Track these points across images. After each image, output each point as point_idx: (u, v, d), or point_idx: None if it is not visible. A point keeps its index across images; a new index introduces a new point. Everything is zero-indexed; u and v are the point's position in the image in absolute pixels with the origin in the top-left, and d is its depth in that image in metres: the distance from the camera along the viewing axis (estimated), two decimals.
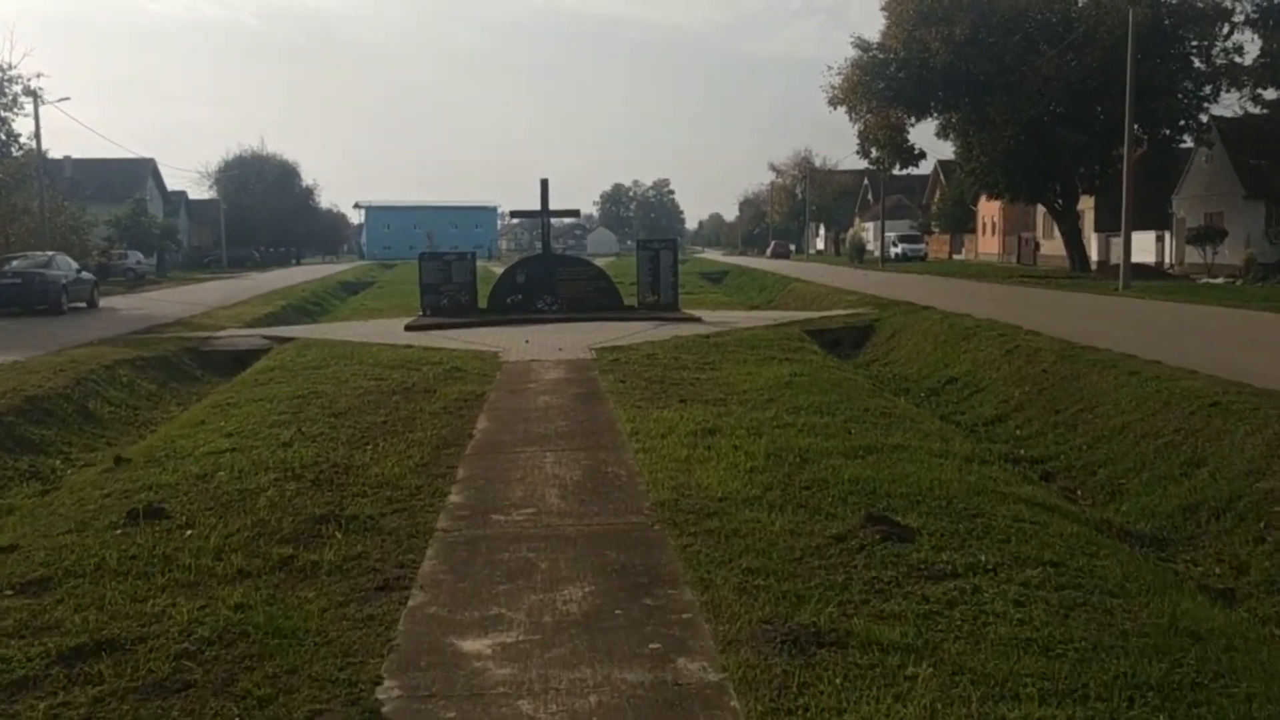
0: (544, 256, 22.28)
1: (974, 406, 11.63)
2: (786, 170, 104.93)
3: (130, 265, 47.49)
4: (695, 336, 16.08)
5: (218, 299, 30.97)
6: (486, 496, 6.45)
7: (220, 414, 9.87)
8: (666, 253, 21.43)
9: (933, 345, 15.16)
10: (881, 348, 16.92)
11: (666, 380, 11.46)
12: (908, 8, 37.66)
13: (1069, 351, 11.92)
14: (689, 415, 9.02)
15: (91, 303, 26.91)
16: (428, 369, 12.76)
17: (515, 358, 14.11)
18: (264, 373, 13.24)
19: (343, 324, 21.81)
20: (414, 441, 8.14)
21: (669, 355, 13.74)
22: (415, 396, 10.57)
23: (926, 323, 16.72)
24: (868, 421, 8.84)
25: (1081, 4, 37.43)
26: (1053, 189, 41.12)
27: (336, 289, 41.50)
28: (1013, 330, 14.43)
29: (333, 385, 11.46)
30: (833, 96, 41.00)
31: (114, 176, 61.39)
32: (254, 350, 17.12)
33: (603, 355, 14.02)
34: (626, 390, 10.76)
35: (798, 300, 27.84)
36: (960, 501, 6.12)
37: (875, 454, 7.44)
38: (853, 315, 19.97)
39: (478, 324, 19.10)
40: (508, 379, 12.02)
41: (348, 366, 13.20)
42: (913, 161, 43.98)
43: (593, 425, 8.90)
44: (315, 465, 7.28)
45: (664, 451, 7.54)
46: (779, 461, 7.15)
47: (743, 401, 9.84)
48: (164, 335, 18.82)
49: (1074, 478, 8.44)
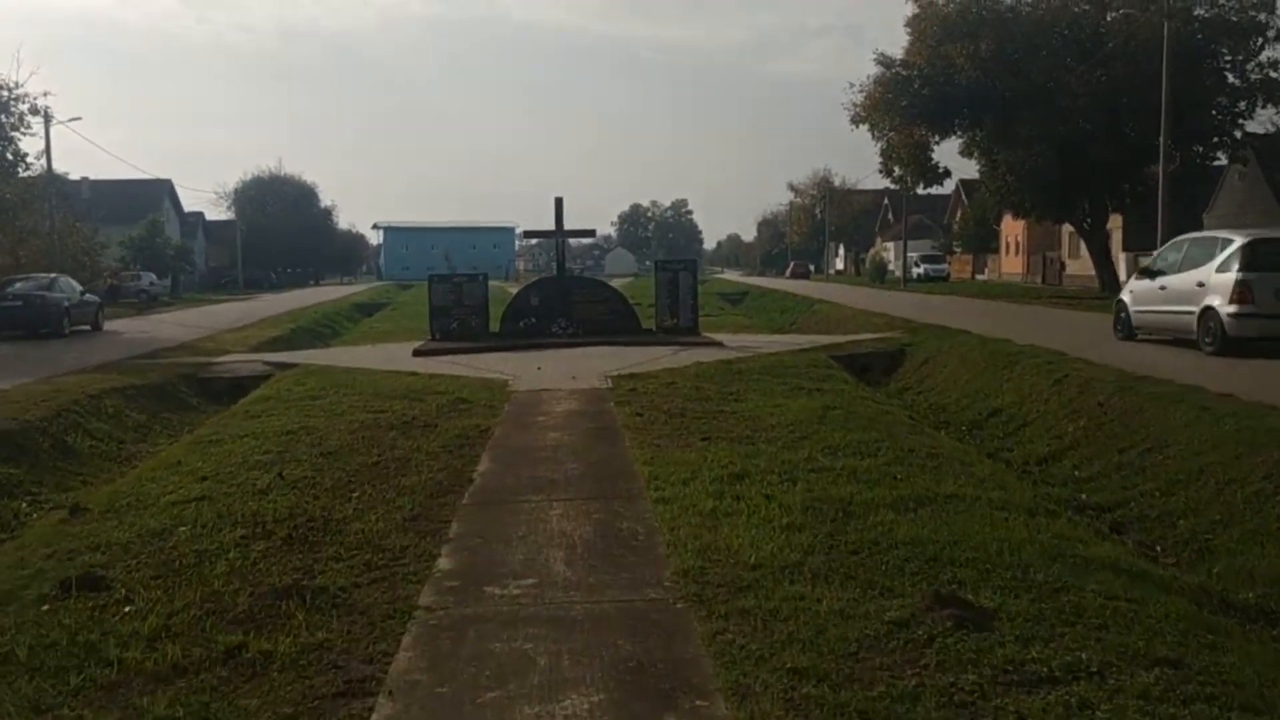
0: (558, 278, 21.46)
1: (1023, 442, 10.66)
2: (805, 190, 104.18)
3: (143, 287, 47.08)
4: (717, 363, 15.18)
5: (227, 322, 30.34)
6: (481, 561, 5.56)
7: (199, 453, 9.03)
8: (686, 274, 20.57)
9: (971, 373, 14.19)
10: (914, 375, 15.95)
11: (687, 413, 10.55)
12: (932, 24, 36.84)
13: (1127, 383, 10.94)
14: (713, 456, 8.11)
15: (96, 325, 26.30)
16: (431, 400, 11.90)
17: (525, 387, 13.25)
18: (257, 403, 12.42)
19: (349, 349, 21.04)
20: (405, 488, 7.26)
21: (689, 384, 12.84)
22: (414, 432, 9.71)
23: (962, 348, 15.74)
24: (914, 464, 7.90)
25: (1110, 19, 36.48)
26: (1081, 208, 40.06)
27: (350, 311, 40.87)
28: (1058, 357, 13.45)
29: (326, 419, 10.62)
30: (855, 114, 40.16)
31: (131, 198, 61.24)
32: (254, 377, 16.34)
33: (619, 384, 13.14)
34: (644, 425, 9.86)
35: (821, 323, 26.90)
36: (1037, 570, 5.18)
37: (928, 506, 6.50)
38: (882, 339, 19.01)
39: (489, 349, 18.27)
40: (516, 411, 11.15)
41: (346, 397, 12.36)
42: (937, 180, 43.07)
43: (606, 468, 8.00)
44: (290, 519, 6.41)
45: (686, 502, 6.64)
46: (819, 515, 6.23)
47: (772, 439, 8.93)
48: (162, 361, 18.09)
49: (1150, 530, 7.47)
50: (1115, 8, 36.46)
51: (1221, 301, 14.17)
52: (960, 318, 23.13)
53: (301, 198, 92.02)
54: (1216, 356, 13.91)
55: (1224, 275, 14.32)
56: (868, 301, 33.32)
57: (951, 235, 77.90)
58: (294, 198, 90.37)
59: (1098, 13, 36.91)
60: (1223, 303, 14.14)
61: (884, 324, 22.09)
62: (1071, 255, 54.22)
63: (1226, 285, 14.14)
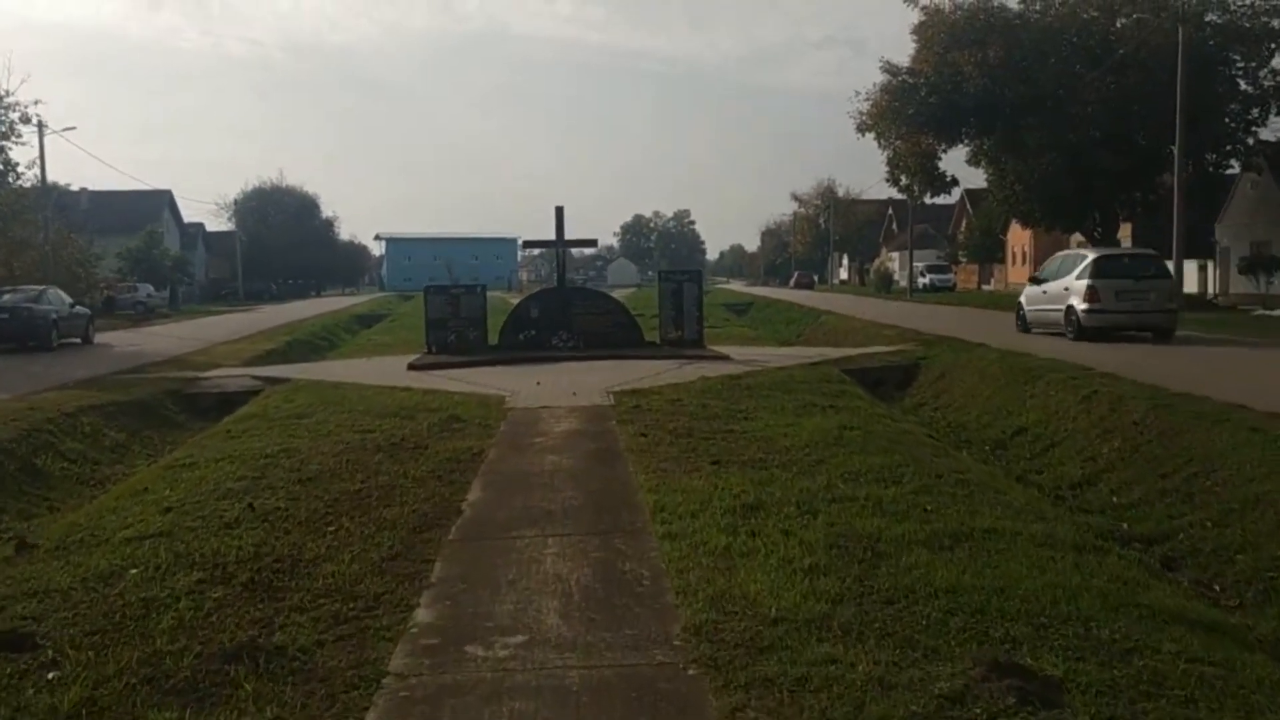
0: (559, 289, 20.83)
1: (1053, 465, 9.99)
2: (809, 200, 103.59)
3: (140, 299, 46.57)
4: (724, 378, 14.52)
5: (222, 334, 29.75)
6: (464, 613, 4.89)
7: (169, 479, 8.38)
8: (690, 285, 19.91)
9: (991, 388, 13.52)
10: (930, 389, 15.29)
11: (694, 434, 9.89)
12: (939, 31, 36.26)
13: (1163, 400, 10.27)
14: (724, 483, 7.46)
15: (86, 338, 25.71)
16: (423, 418, 11.26)
17: (523, 403, 12.60)
18: (240, 422, 11.78)
19: (344, 362, 20.40)
20: (387, 521, 6.60)
21: (696, 401, 12.18)
22: (402, 455, 9.06)
23: (980, 362, 15.08)
24: (943, 493, 7.23)
25: (1120, 25, 35.87)
26: (1091, 217, 39.39)
27: (349, 322, 40.28)
28: (1084, 372, 12.78)
29: (311, 439, 9.97)
30: (861, 123, 39.54)
31: (130, 209, 60.82)
32: (243, 392, 15.73)
33: (621, 401, 12.48)
34: (649, 447, 9.20)
35: (829, 335, 26.24)
36: (1101, 625, 4.52)
37: (965, 543, 5.84)
38: (894, 353, 18.34)
39: (487, 363, 17.62)
40: (512, 431, 10.49)
41: (334, 415, 11.72)
42: (944, 189, 42.40)
43: (608, 497, 7.34)
44: (255, 559, 5.76)
45: (696, 538, 5.98)
46: (844, 555, 5.57)
47: (787, 464, 8.26)
48: (149, 375, 17.47)
49: (1205, 566, 6.79)
50: (1126, 14, 35.88)
51: (1079, 301, 19.08)
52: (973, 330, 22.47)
53: (303, 209, 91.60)
54: (1076, 342, 18.56)
55: (1080, 282, 19.22)
56: (875, 312, 32.68)
57: (956, 245, 77.25)
58: (295, 209, 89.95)
59: (1107, 19, 36.31)
60: (1079, 302, 19.06)
61: (895, 336, 21.43)
62: None
63: (1081, 289, 19.07)
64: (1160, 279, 19.91)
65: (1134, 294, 18.99)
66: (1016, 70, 34.66)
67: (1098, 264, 19.38)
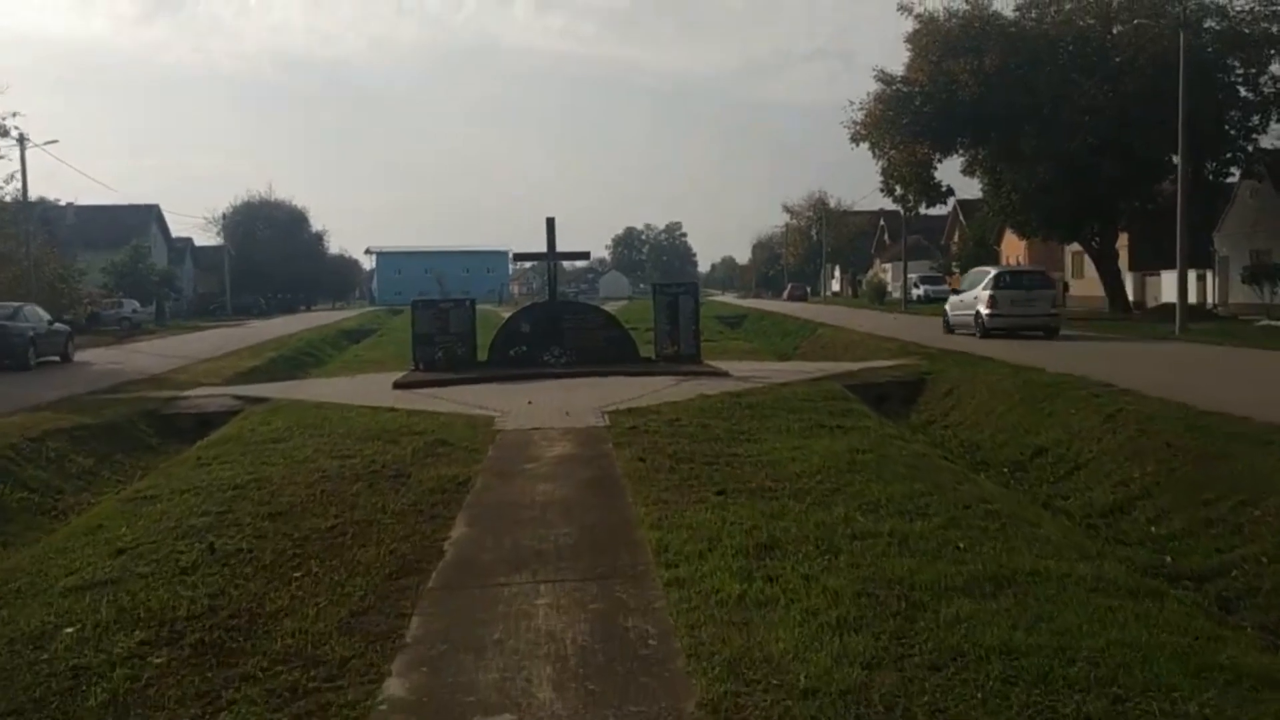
0: (551, 303, 20.16)
1: (1080, 489, 9.36)
2: (801, 212, 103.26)
3: (125, 315, 45.73)
4: (723, 395, 13.88)
5: (206, 350, 29.01)
6: (443, 683, 4.22)
7: (127, 515, 7.69)
8: (686, 298, 19.25)
9: (1005, 405, 12.90)
10: (938, 406, 14.67)
11: (696, 457, 9.26)
12: (934, 39, 35.86)
13: (1197, 420, 9.66)
14: (732, 516, 6.81)
15: (65, 356, 24.94)
16: (407, 442, 10.59)
17: (514, 424, 11.94)
18: (212, 447, 11.08)
19: (328, 380, 19.69)
20: (360, 565, 5.94)
21: (696, 421, 11.54)
22: (382, 485, 8.39)
23: (991, 377, 14.47)
24: (973, 526, 6.60)
25: (1117, 32, 35.49)
26: (1089, 227, 38.93)
27: (337, 337, 39.58)
28: (1104, 389, 12.18)
29: (285, 467, 9.30)
30: (855, 133, 39.09)
31: (117, 223, 60.02)
32: (221, 413, 15.04)
33: (617, 421, 11.83)
34: (647, 473, 8.55)
35: (827, 348, 25.62)
36: (1187, 696, 3.88)
37: (1010, 589, 5.21)
38: (898, 367, 17.72)
39: (476, 380, 16.93)
40: (502, 455, 9.83)
41: (313, 439, 11.05)
42: (940, 199, 41.98)
43: (605, 533, 6.68)
44: (209, 614, 5.09)
45: (706, 585, 5.33)
46: (876, 606, 4.92)
47: (799, 492, 7.63)
48: (125, 395, 16.76)
49: (1268, 608, 6.15)
50: (1123, 21, 35.55)
51: (983, 307, 24.03)
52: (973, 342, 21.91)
53: (292, 222, 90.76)
54: (980, 339, 23.05)
55: (985, 292, 24.27)
56: (872, 324, 32.11)
57: (950, 256, 76.82)
58: (285, 223, 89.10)
59: (1104, 27, 35.98)
60: (984, 308, 24.02)
61: (896, 350, 20.82)
62: (1075, 275, 53.14)
63: (985, 298, 24.07)
64: (1045, 289, 25.39)
65: (1025, 301, 24.19)
66: (1013, 78, 34.23)
67: (997, 278, 24.90)
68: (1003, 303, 23.85)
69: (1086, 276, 51.01)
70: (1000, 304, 23.82)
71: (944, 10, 36.84)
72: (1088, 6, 36.28)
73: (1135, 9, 35.02)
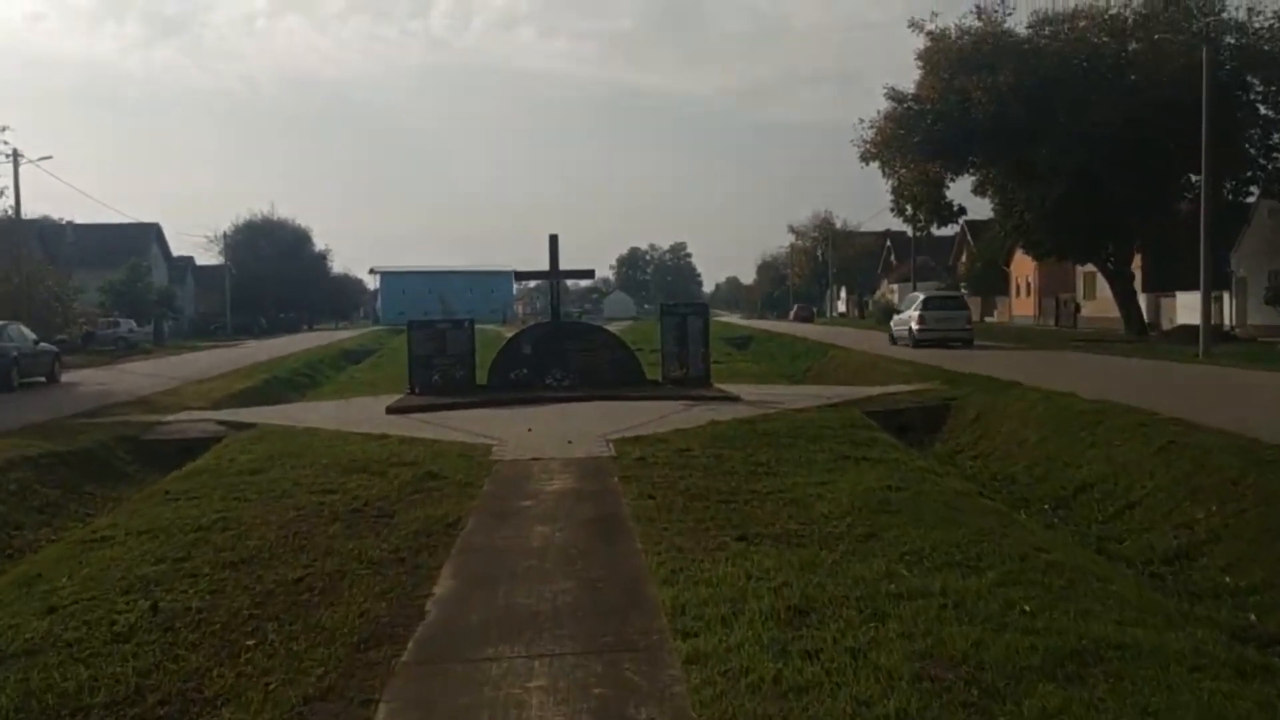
0: (553, 324, 19.33)
1: (1135, 531, 8.46)
2: (806, 232, 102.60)
3: (121, 334, 44.98)
4: (737, 422, 13.03)
5: (200, 371, 28.23)
6: None
7: (72, 562, 6.83)
8: (695, 319, 18.39)
9: (1038, 434, 12.01)
10: (965, 434, 13.78)
11: (711, 495, 8.39)
12: (947, 56, 35.16)
13: (1260, 454, 8.78)
14: (757, 567, 5.96)
15: (52, 377, 24.17)
16: (395, 474, 9.74)
17: (512, 453, 11.09)
18: (184, 480, 10.22)
19: (320, 404, 18.84)
20: (325, 631, 5.07)
21: (709, 451, 10.68)
22: (363, 526, 7.53)
23: (1020, 404, 13.58)
24: (1035, 583, 5.73)
25: (1133, 49, 34.75)
26: (1104, 246, 38.10)
27: (336, 358, 38.79)
28: (1149, 417, 11.29)
29: (259, 504, 8.45)
30: (865, 151, 38.36)
31: (118, 242, 59.39)
32: (204, 439, 14.21)
33: (623, 451, 10.97)
34: (657, 514, 7.69)
35: (840, 371, 24.75)
36: None
37: (1097, 668, 4.33)
38: (918, 392, 16.82)
39: (474, 404, 16.08)
40: (496, 491, 8.97)
41: (294, 470, 10.20)
42: (951, 218, 41.28)
43: (611, 589, 5.81)
44: (134, 700, 4.23)
45: (732, 662, 4.46)
46: (943, 695, 4.04)
47: (830, 538, 6.76)
48: (105, 419, 15.90)
49: None
50: (1138, 38, 34.83)
51: (914, 324, 30.14)
52: (993, 365, 21.03)
53: (295, 242, 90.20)
54: (912, 349, 28.26)
55: (916, 312, 30.56)
56: (885, 346, 31.23)
57: (957, 277, 76.08)
58: (287, 242, 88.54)
59: (1119, 44, 35.25)
60: (915, 324, 30.10)
61: (913, 373, 19.93)
62: (1087, 296, 52.28)
63: (916, 316, 30.29)
64: (961, 310, 32.65)
65: (946, 319, 30.65)
66: (1027, 95, 33.49)
67: (925, 301, 31.46)
68: (929, 320, 30.30)
69: (1099, 297, 50.14)
70: (927, 321, 30.27)
71: (956, 27, 36.23)
72: (1102, 24, 35.58)
73: (1151, 26, 34.32)
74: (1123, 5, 35.61)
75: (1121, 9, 35.58)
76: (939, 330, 29.90)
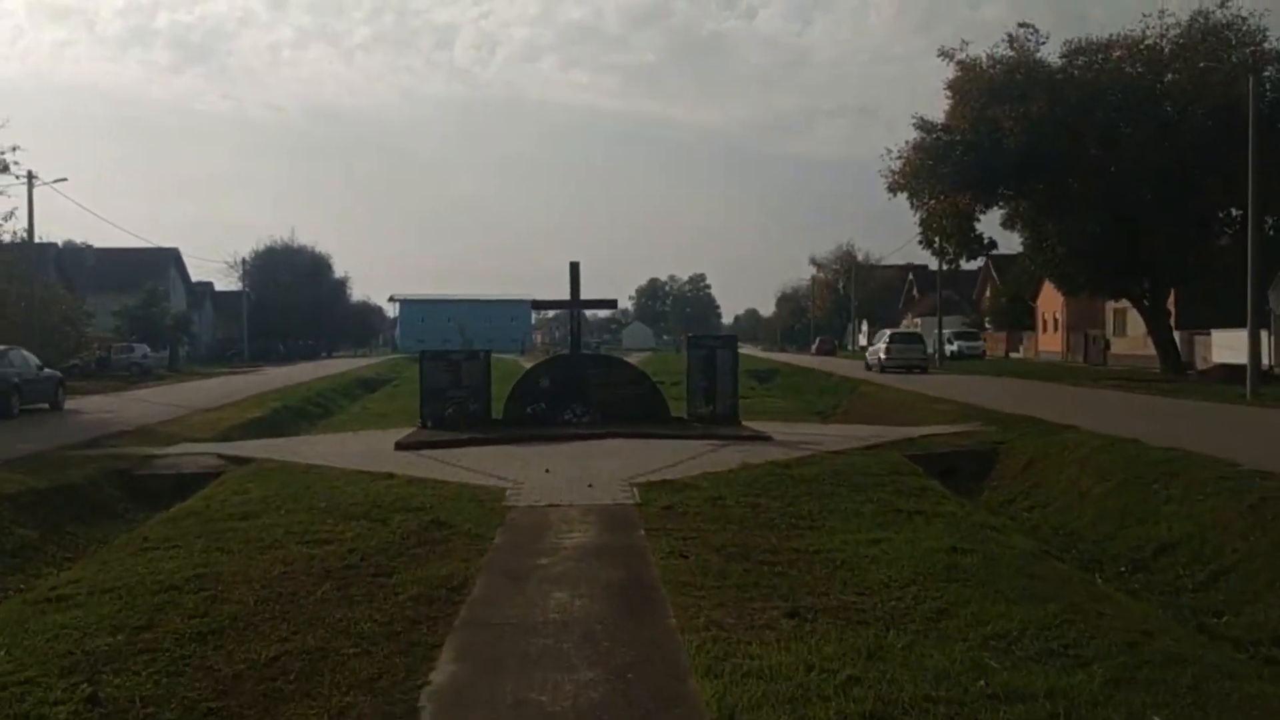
0: (573, 356, 18.44)
1: (1235, 602, 7.39)
2: (828, 265, 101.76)
3: (135, 359, 44.39)
4: (770, 466, 12.05)
5: (210, 399, 27.48)
6: None
7: (19, 627, 5.91)
8: (724, 352, 17.44)
9: (1103, 485, 10.96)
10: (1017, 482, 12.73)
11: (751, 553, 7.43)
12: (978, 85, 34.29)
13: None
14: (815, 653, 5.01)
15: (55, 404, 23.43)
16: (398, 521, 8.83)
17: (527, 499, 10.15)
18: (168, 524, 9.33)
19: (328, 437, 17.96)
20: None
21: (743, 500, 9.73)
22: (356, 588, 6.61)
23: (1080, 450, 12.53)
24: (1154, 681, 4.73)
25: (1169, 80, 33.79)
26: (1140, 282, 36.95)
27: (350, 386, 38.02)
28: (1230, 469, 10.22)
29: (244, 556, 7.54)
30: (892, 182, 37.38)
31: (137, 266, 59.21)
32: (200, 474, 13.39)
33: (648, 497, 10.03)
34: (692, 578, 6.73)
35: (873, 408, 23.68)
36: None
37: None
38: (962, 434, 15.78)
39: (488, 441, 15.17)
40: (510, 546, 8.03)
41: (289, 515, 9.31)
42: (981, 251, 40.18)
43: (643, 683, 4.84)
44: None
45: None
46: None
47: (895, 614, 5.79)
48: (100, 451, 15.07)
49: None
50: (1175, 69, 33.89)
51: (882, 354, 39.15)
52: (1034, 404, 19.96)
53: (315, 268, 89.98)
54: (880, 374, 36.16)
55: (883, 344, 39.94)
56: (916, 382, 30.16)
57: (980, 312, 74.83)
58: (307, 268, 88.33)
59: (1154, 75, 34.30)
60: (883, 354, 39.12)
61: (953, 412, 18.86)
62: (1117, 333, 51.00)
63: (883, 348, 39.58)
64: (918, 344, 41.97)
65: (906, 350, 39.66)
66: (1061, 126, 32.57)
67: (891, 336, 41.09)
68: (894, 351, 39.42)
69: (1130, 334, 48.86)
70: (892, 352, 39.35)
71: (987, 57, 35.38)
72: (1138, 54, 34.66)
73: (1189, 56, 33.39)
74: (1159, 36, 34.74)
75: (1158, 39, 34.70)
76: (901, 359, 38.89)
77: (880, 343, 41.01)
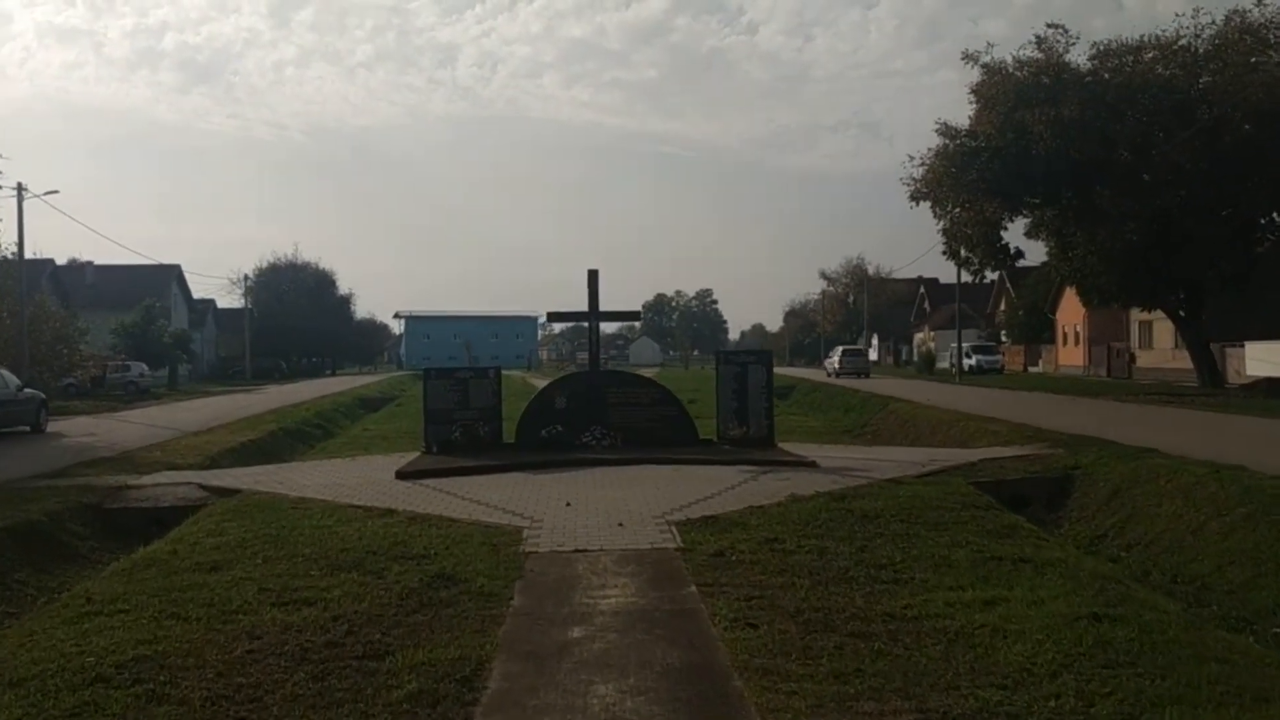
0: (591, 373, 16.95)
1: None
2: (838, 278, 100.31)
3: (132, 378, 42.99)
4: (824, 498, 10.52)
5: (204, 420, 26.04)
6: None
7: None
8: (757, 368, 15.90)
9: (1219, 522, 9.40)
10: (1105, 516, 11.16)
11: (834, 619, 5.92)
12: (1005, 89, 32.84)
13: None
14: None
15: (36, 427, 22.03)
16: (397, 573, 7.33)
17: (549, 542, 8.63)
18: (120, 578, 7.80)
19: (324, 463, 16.40)
20: None
21: (804, 542, 8.21)
22: (335, 678, 5.09)
23: (1179, 479, 10.96)
24: None
25: (1204, 84, 32.33)
26: (1175, 293, 35.38)
27: (352, 405, 36.51)
28: None
29: (204, 626, 6.04)
30: (915, 190, 35.93)
31: (137, 284, 57.99)
32: (178, 507, 11.93)
33: (692, 539, 8.50)
34: (770, 657, 5.23)
35: (908, 428, 22.09)
36: None
37: None
38: (1024, 458, 14.21)
39: (500, 468, 13.65)
40: (532, 607, 6.51)
41: (267, 564, 7.81)
42: (1007, 262, 38.60)
43: None
44: None
45: None
46: None
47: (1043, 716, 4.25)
48: (69, 482, 13.58)
49: None
50: (1210, 72, 32.44)
51: (836, 363, 54.51)
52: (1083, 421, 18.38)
53: (319, 284, 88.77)
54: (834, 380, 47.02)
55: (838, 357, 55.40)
56: (945, 398, 28.60)
57: (994, 325, 73.25)
58: (311, 285, 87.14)
59: (1188, 78, 32.84)
60: (836, 364, 54.40)
61: (1008, 433, 17.20)
62: (1143, 346, 49.35)
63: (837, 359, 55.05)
64: (863, 356, 57.24)
65: (854, 361, 53.42)
66: (1092, 130, 31.09)
67: (843, 351, 56.52)
68: (844, 361, 52.85)
69: (1157, 347, 47.27)
70: (843, 363, 52.59)
71: (1013, 59, 33.97)
72: (1171, 56, 33.21)
73: (1226, 58, 31.93)
74: (1193, 36, 33.30)
75: (1192, 40, 33.26)
76: (850, 367, 52.05)
77: (835, 356, 55.97)
